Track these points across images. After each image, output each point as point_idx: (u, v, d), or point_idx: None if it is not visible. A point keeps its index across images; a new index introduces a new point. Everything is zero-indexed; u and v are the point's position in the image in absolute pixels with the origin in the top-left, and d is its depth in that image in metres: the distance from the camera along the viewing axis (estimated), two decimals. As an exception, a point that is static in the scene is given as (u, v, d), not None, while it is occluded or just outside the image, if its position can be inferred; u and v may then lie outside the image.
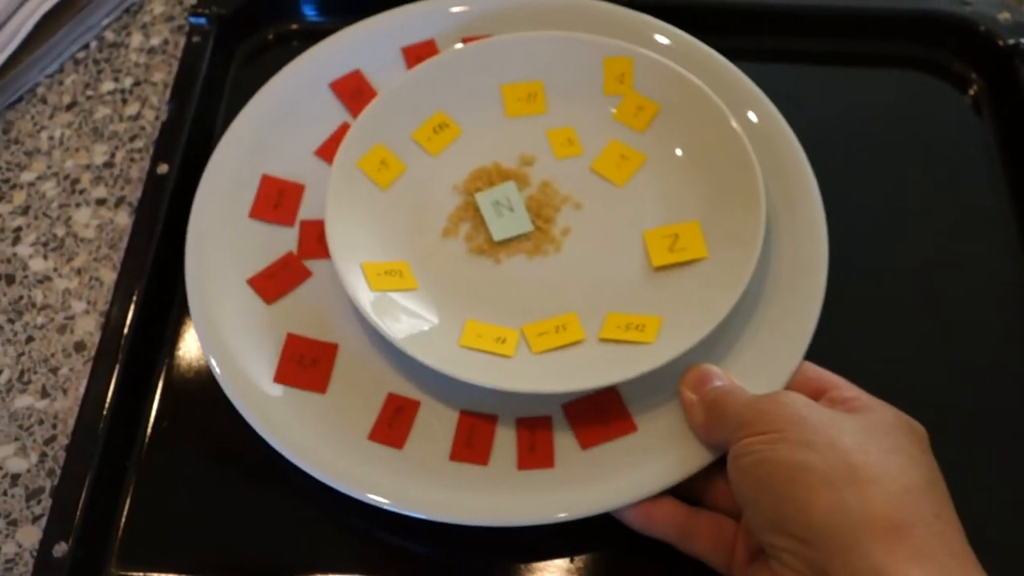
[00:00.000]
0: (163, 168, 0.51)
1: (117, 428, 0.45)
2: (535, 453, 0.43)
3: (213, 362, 0.44)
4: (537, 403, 0.44)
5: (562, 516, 0.41)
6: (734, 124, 0.48)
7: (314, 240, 0.49)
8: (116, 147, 0.56)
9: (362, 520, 0.43)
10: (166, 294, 0.49)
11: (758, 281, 0.46)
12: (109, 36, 0.60)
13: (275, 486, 0.44)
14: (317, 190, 0.50)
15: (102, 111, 0.57)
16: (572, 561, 0.42)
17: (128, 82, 0.58)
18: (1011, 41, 0.54)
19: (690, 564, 0.40)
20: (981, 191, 0.52)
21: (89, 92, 0.58)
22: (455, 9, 0.55)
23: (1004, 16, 0.55)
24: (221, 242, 0.48)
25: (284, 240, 0.50)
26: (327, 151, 0.52)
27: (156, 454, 0.45)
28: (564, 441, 0.43)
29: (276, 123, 0.52)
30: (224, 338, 0.45)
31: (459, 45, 0.54)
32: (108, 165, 0.55)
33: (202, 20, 0.57)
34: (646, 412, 0.44)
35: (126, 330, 0.47)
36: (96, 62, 0.59)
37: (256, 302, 0.47)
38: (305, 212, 0.50)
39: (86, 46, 0.60)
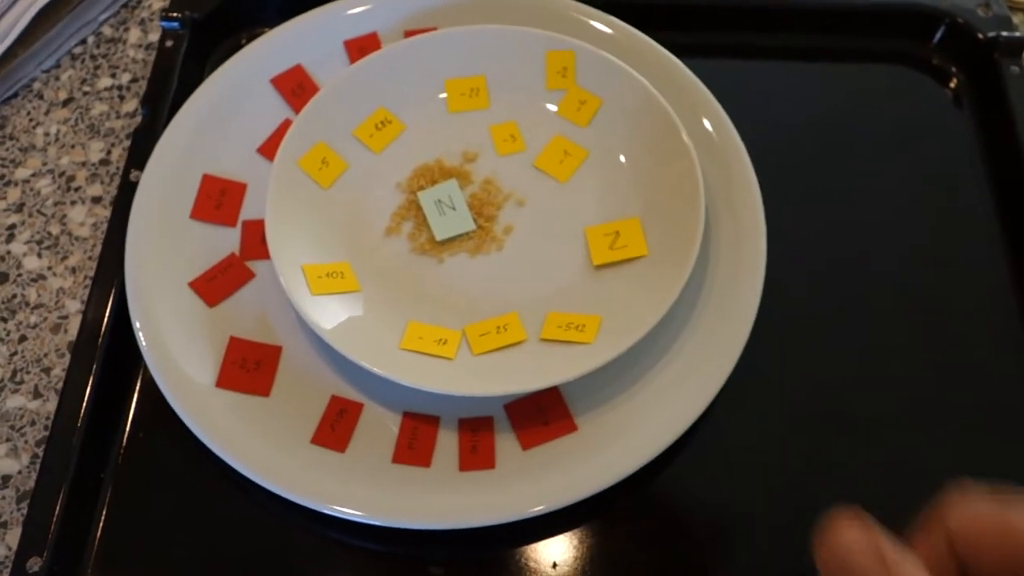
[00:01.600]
0: (136, 175, 0.50)
1: (92, 438, 0.44)
2: (476, 454, 0.43)
3: (153, 367, 0.44)
4: (479, 404, 0.45)
5: (501, 517, 0.41)
6: (675, 118, 0.48)
7: (257, 241, 0.49)
8: (112, 144, 0.55)
9: (343, 532, 0.43)
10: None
11: (698, 278, 0.47)
12: (107, 31, 0.59)
13: (249, 493, 0.44)
14: (260, 189, 0.49)
15: (99, 107, 0.56)
16: (519, 560, 0.43)
17: (125, 78, 0.57)
18: (991, 34, 0.55)
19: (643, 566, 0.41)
20: (962, 183, 0.53)
21: (86, 88, 0.57)
22: (398, 1, 0.55)
23: (983, 10, 0.56)
24: (161, 244, 0.48)
25: (227, 241, 0.49)
26: (269, 148, 0.51)
27: (132, 464, 0.45)
28: (506, 442, 0.44)
29: (217, 121, 0.51)
30: (164, 343, 0.45)
31: (402, 38, 0.53)
32: (104, 162, 0.54)
33: (175, 24, 0.56)
34: (588, 411, 0.44)
35: (100, 339, 0.46)
36: (93, 57, 0.58)
37: (198, 305, 0.47)
38: (248, 212, 0.50)
39: (83, 41, 0.59)
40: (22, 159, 0.55)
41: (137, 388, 0.47)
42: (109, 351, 0.46)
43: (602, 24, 0.53)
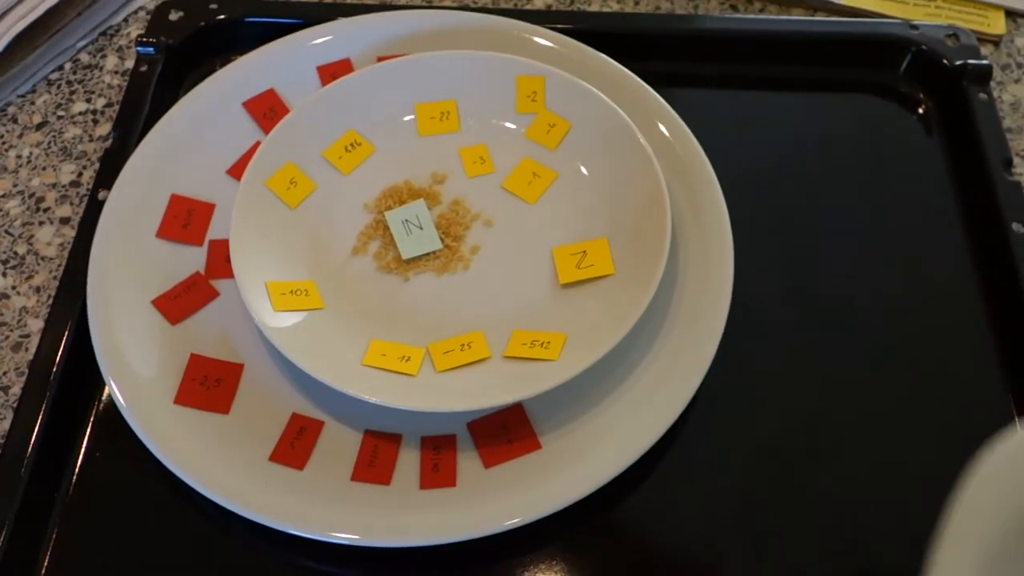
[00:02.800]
0: (103, 194, 0.50)
1: (46, 456, 0.44)
2: (438, 473, 0.43)
3: (110, 383, 0.44)
4: (442, 422, 0.44)
5: (460, 535, 0.40)
6: (642, 139, 0.49)
7: (223, 260, 0.48)
8: (84, 167, 0.55)
9: (301, 552, 0.42)
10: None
11: (665, 296, 0.47)
12: (84, 58, 0.60)
13: (207, 512, 0.43)
14: (228, 209, 0.49)
15: (72, 131, 0.57)
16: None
17: (100, 103, 0.58)
18: (958, 62, 0.55)
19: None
20: (931, 207, 0.53)
21: (60, 112, 0.57)
22: (371, 28, 0.55)
23: (951, 40, 0.56)
24: (126, 262, 0.48)
25: (192, 260, 0.49)
26: (239, 170, 0.51)
27: (88, 483, 0.44)
28: (468, 460, 0.43)
29: (187, 142, 0.52)
30: (123, 359, 0.44)
31: (375, 64, 0.54)
32: (75, 184, 0.54)
33: (150, 49, 0.56)
34: (552, 430, 0.44)
35: (58, 356, 0.45)
36: (69, 83, 0.59)
37: (160, 323, 0.47)
38: (215, 232, 0.50)
39: (60, 67, 0.59)
40: (-8, 180, 0.55)
41: (95, 407, 0.46)
42: (68, 368, 0.45)
43: (565, 48, 0.54)
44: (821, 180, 0.54)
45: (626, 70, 0.53)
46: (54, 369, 0.45)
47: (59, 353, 0.46)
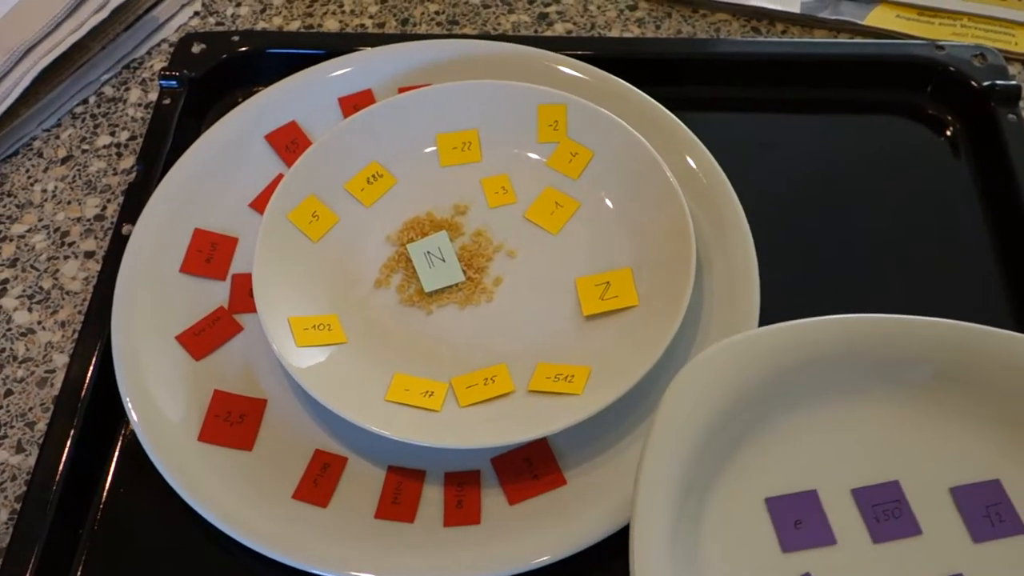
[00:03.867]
0: (128, 229, 0.50)
1: (71, 492, 0.44)
2: (462, 509, 0.42)
3: (134, 420, 0.44)
4: (466, 458, 0.44)
5: (487, 574, 0.40)
6: (665, 169, 0.48)
7: (246, 294, 0.49)
8: (108, 200, 0.55)
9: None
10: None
11: (692, 327, 0.46)
12: (108, 91, 0.61)
13: (230, 550, 0.42)
14: (251, 243, 0.49)
15: (96, 164, 0.57)
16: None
17: (124, 136, 0.58)
18: (985, 83, 0.55)
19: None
20: (962, 228, 0.52)
21: (85, 146, 0.58)
22: (392, 58, 0.55)
23: (979, 60, 0.56)
24: (150, 297, 0.48)
25: (216, 294, 0.49)
26: (262, 203, 0.51)
27: (112, 520, 0.44)
28: (492, 496, 0.43)
29: (210, 176, 0.52)
30: (147, 396, 0.45)
31: (396, 95, 0.54)
32: (99, 218, 0.55)
33: (173, 83, 0.57)
34: (578, 465, 0.43)
35: (83, 392, 0.45)
36: (94, 116, 0.59)
37: (184, 358, 0.47)
38: (238, 265, 0.50)
39: (85, 101, 0.60)
40: (18, 215, 0.55)
41: (120, 442, 0.46)
42: (92, 404, 0.45)
43: (588, 76, 0.54)
44: (847, 204, 0.53)
45: (648, 97, 0.53)
46: (79, 405, 0.45)
47: (84, 389, 0.46)
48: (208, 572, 0.43)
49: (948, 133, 0.56)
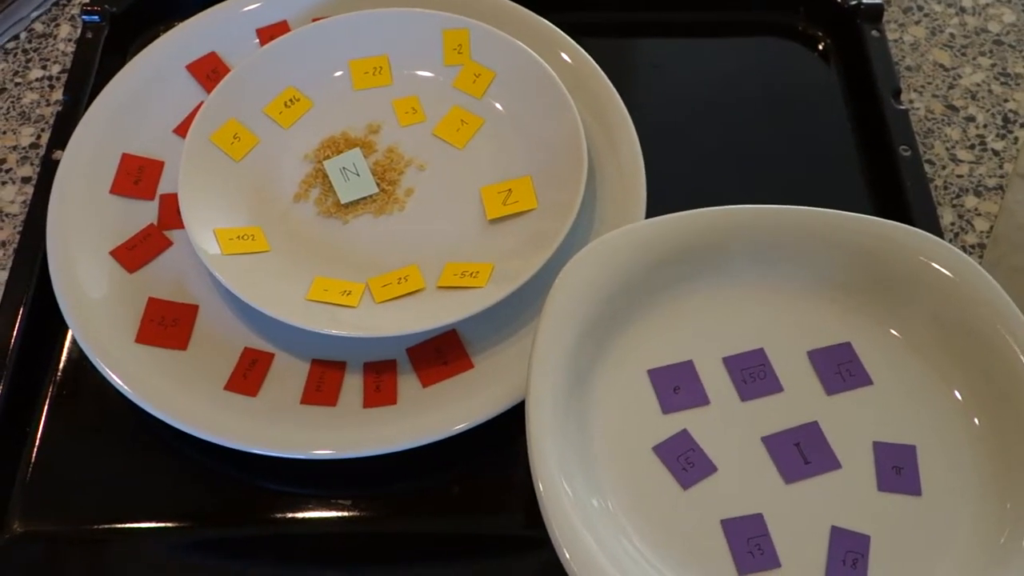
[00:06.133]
0: (58, 154, 0.53)
1: (16, 395, 0.47)
2: (380, 392, 0.47)
3: (75, 328, 0.47)
4: (382, 348, 0.48)
5: (402, 444, 0.44)
6: (559, 83, 0.52)
7: (174, 212, 0.52)
8: (43, 129, 0.58)
9: (254, 472, 0.46)
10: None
11: (586, 224, 0.51)
12: (38, 27, 0.63)
13: (168, 440, 0.47)
14: (176, 166, 0.52)
15: (30, 96, 0.60)
16: (422, 489, 0.46)
17: (55, 70, 0.61)
18: (852, 2, 0.60)
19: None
20: (829, 135, 0.58)
21: (18, 79, 0.61)
22: (306, -10, 0.59)
23: None
24: (82, 217, 0.51)
25: (145, 213, 0.52)
26: (185, 129, 0.54)
27: (57, 419, 0.48)
28: (408, 381, 0.47)
29: (134, 104, 0.55)
30: (86, 306, 0.48)
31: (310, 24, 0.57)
32: (34, 146, 0.58)
33: (95, 17, 0.59)
34: (483, 351, 0.48)
35: (22, 306, 0.49)
36: (25, 51, 0.62)
37: (119, 271, 0.50)
38: (165, 187, 0.53)
39: (16, 37, 0.63)
40: (-46, 146, 0.58)
41: (63, 351, 0.50)
42: (31, 316, 0.49)
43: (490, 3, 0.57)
44: (732, 116, 0.58)
45: (546, 21, 0.57)
46: (18, 319, 0.48)
47: (22, 304, 0.49)
48: (148, 462, 0.47)
49: (820, 48, 0.61)
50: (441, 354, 0.48)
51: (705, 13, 0.62)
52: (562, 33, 0.56)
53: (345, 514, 0.45)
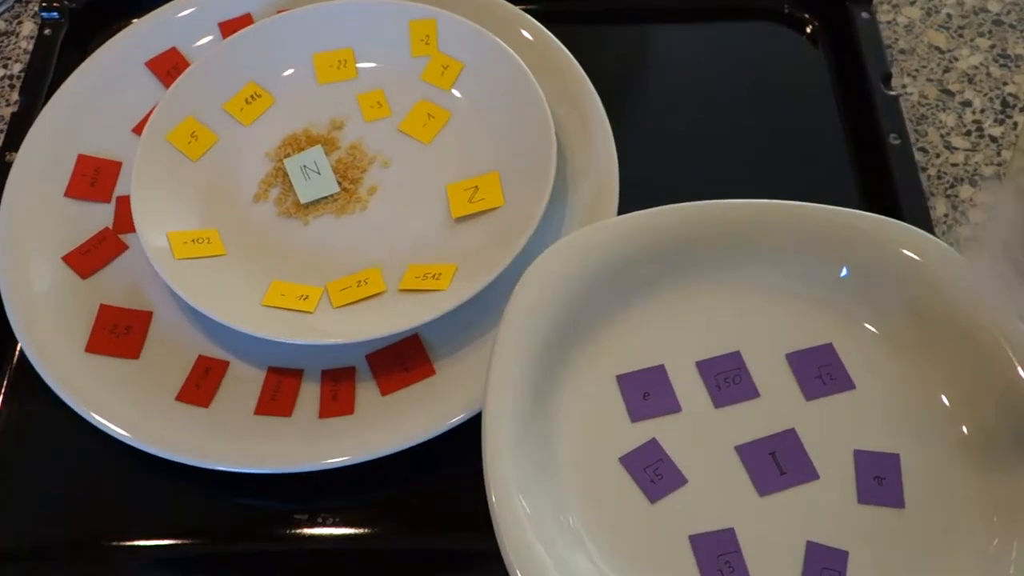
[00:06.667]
0: (11, 156, 0.52)
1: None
2: (336, 401, 0.45)
3: (22, 338, 0.45)
4: (341, 355, 0.46)
5: (356, 457, 0.42)
6: (530, 77, 0.50)
7: (130, 215, 0.50)
8: (2, 131, 0.56)
9: (209, 484, 0.44)
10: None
11: (556, 223, 0.48)
12: (1, 25, 0.61)
13: (119, 453, 0.45)
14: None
15: None
16: (381, 500, 0.44)
17: (17, 68, 0.59)
18: None
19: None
20: (817, 121, 0.55)
21: None
22: (270, -18, 0.56)
23: None
24: (35, 221, 0.49)
25: (101, 216, 0.51)
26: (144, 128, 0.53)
27: (5, 435, 0.46)
28: (367, 390, 0.45)
29: (91, 103, 0.53)
30: (35, 315, 0.46)
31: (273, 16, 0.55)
32: None
33: (54, 14, 0.57)
34: (446, 356, 0.46)
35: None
36: None
37: (71, 278, 0.48)
38: (122, 188, 0.51)
39: None
40: (-91, 147, 0.56)
41: (14, 358, 0.48)
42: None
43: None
44: (710, 104, 0.56)
45: (516, 8, 0.54)
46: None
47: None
48: (100, 475, 0.45)
49: (808, 31, 0.58)
50: (401, 360, 0.46)
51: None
52: (531, 19, 0.54)
53: (304, 531, 0.43)
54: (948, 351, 0.41)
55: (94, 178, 0.52)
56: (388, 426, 0.43)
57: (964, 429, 0.41)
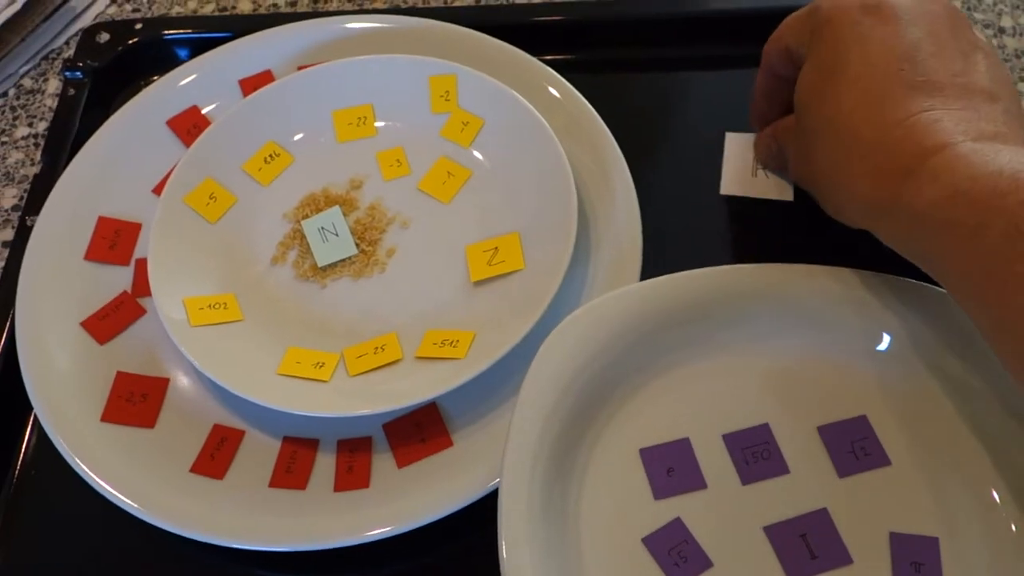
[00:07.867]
0: (32, 220, 0.51)
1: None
2: (352, 474, 0.44)
3: (37, 405, 0.45)
4: (357, 425, 0.45)
5: (371, 534, 0.41)
6: (552, 135, 0.49)
7: (148, 278, 0.50)
8: (27, 190, 0.56)
9: (223, 559, 0.43)
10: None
11: (577, 290, 0.47)
12: (27, 83, 0.62)
13: (134, 526, 0.44)
14: (154, 228, 0.50)
15: (15, 156, 0.58)
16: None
17: (42, 127, 0.59)
18: None
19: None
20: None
21: (4, 138, 0.59)
22: (291, 39, 0.56)
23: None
24: (54, 286, 0.49)
25: (119, 279, 0.50)
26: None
27: (22, 505, 0.46)
28: (383, 461, 0.44)
29: (112, 163, 0.53)
30: (51, 381, 0.46)
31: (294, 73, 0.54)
32: (17, 208, 0.56)
33: (77, 74, 0.58)
34: (465, 427, 0.45)
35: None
36: (13, 108, 0.60)
37: (89, 343, 0.48)
38: (141, 250, 0.51)
39: (4, 94, 0.61)
40: (-63, 208, 0.56)
41: (31, 426, 0.48)
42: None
43: (491, 49, 0.54)
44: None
45: (538, 61, 0.53)
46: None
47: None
48: (113, 547, 0.44)
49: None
50: (420, 429, 0.45)
51: (699, 48, 0.58)
52: (554, 72, 0.53)
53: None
54: (1000, 441, 0.39)
55: (114, 240, 0.51)
56: (404, 502, 0.42)
57: (1013, 527, 0.38)
